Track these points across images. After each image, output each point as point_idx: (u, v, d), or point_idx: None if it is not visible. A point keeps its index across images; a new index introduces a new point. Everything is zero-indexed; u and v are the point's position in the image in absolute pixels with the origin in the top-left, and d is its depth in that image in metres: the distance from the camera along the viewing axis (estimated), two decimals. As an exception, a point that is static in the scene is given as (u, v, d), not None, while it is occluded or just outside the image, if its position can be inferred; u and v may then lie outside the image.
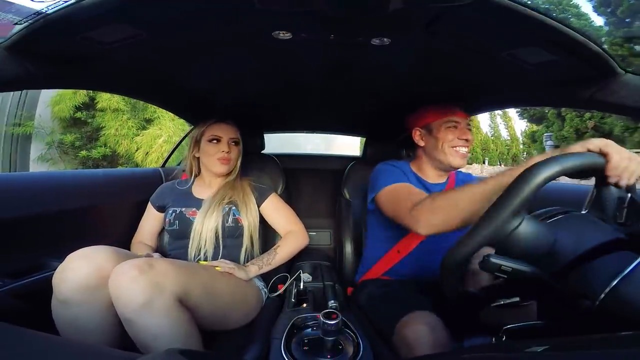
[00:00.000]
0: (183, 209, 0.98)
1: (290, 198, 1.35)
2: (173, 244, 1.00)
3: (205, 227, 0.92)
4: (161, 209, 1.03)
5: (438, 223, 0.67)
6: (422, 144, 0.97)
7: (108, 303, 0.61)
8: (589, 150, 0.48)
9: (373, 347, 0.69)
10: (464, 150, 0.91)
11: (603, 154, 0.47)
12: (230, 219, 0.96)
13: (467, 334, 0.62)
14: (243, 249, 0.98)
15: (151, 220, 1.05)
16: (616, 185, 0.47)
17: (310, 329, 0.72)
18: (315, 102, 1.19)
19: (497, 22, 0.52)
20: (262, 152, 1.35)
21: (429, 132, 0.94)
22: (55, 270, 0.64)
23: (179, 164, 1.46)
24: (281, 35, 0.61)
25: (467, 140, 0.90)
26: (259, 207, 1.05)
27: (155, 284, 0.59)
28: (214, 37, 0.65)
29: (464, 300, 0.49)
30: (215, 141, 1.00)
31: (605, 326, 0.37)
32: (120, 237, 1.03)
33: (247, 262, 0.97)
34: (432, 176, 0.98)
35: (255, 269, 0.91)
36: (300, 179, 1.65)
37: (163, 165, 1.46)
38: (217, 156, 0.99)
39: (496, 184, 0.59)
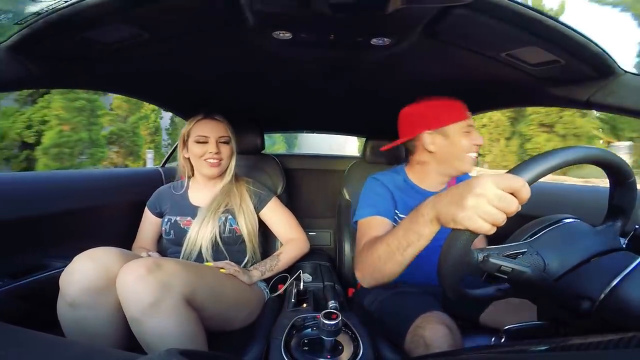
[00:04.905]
0: (178, 218, 0.96)
1: (290, 198, 1.35)
2: (171, 248, 0.99)
3: (199, 238, 0.90)
4: (160, 215, 1.02)
5: (368, 280, 0.67)
6: (432, 148, 0.84)
7: (115, 305, 0.61)
8: None
9: (373, 347, 0.69)
10: (474, 155, 0.84)
11: None
12: (227, 229, 0.94)
13: (468, 334, 0.62)
14: (246, 256, 0.98)
15: (150, 226, 1.02)
16: None
17: (310, 329, 0.71)
18: (315, 102, 1.19)
19: (496, 23, 0.52)
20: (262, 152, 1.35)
21: (444, 136, 0.82)
22: (56, 270, 0.64)
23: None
24: (281, 35, 0.61)
25: (479, 145, 0.84)
26: (258, 213, 1.02)
27: (163, 283, 0.59)
28: (214, 37, 0.65)
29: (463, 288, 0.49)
30: (202, 142, 0.93)
31: (605, 326, 0.37)
32: (121, 237, 1.03)
33: (250, 265, 0.97)
34: (434, 184, 0.91)
35: (258, 274, 0.91)
36: (300, 179, 1.65)
37: (163, 165, 1.46)
38: (205, 157, 0.93)
39: (403, 232, 0.55)
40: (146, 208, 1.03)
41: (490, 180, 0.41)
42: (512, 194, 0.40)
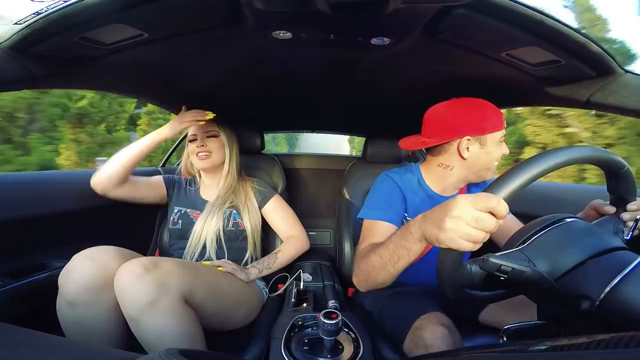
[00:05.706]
0: (188, 210, 1.00)
1: (290, 198, 1.35)
2: (175, 243, 1.00)
3: (205, 231, 0.93)
4: (168, 187, 1.04)
5: (364, 285, 0.68)
6: (465, 155, 0.77)
7: (114, 304, 0.61)
8: None
9: (373, 347, 0.69)
10: (496, 164, 0.81)
11: None
12: (230, 223, 0.97)
13: (467, 334, 0.62)
14: (247, 252, 0.99)
15: (149, 180, 1.03)
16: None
17: (310, 329, 0.72)
18: (315, 101, 1.19)
19: (496, 22, 0.52)
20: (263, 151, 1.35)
21: (481, 144, 0.76)
22: (56, 270, 0.64)
23: (178, 164, 1.46)
24: (281, 35, 0.61)
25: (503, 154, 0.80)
26: (260, 209, 1.05)
27: (160, 283, 0.59)
28: (214, 37, 0.65)
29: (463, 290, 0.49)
30: (193, 140, 1.01)
31: (605, 326, 0.37)
32: (121, 237, 1.03)
33: (249, 264, 0.97)
34: (449, 189, 0.86)
35: (255, 271, 0.92)
36: (300, 179, 1.65)
37: (163, 165, 1.46)
38: (195, 152, 1.00)
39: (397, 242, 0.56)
40: (160, 176, 1.06)
41: (467, 201, 0.41)
42: (490, 211, 0.40)
